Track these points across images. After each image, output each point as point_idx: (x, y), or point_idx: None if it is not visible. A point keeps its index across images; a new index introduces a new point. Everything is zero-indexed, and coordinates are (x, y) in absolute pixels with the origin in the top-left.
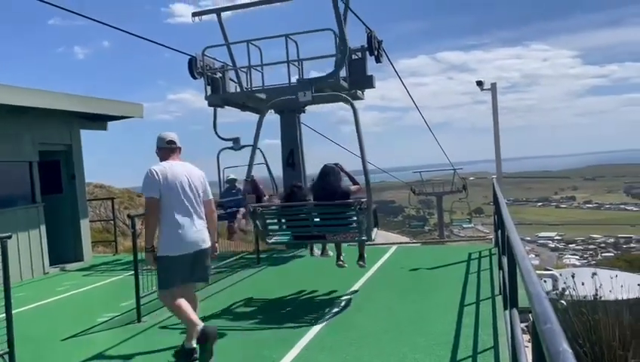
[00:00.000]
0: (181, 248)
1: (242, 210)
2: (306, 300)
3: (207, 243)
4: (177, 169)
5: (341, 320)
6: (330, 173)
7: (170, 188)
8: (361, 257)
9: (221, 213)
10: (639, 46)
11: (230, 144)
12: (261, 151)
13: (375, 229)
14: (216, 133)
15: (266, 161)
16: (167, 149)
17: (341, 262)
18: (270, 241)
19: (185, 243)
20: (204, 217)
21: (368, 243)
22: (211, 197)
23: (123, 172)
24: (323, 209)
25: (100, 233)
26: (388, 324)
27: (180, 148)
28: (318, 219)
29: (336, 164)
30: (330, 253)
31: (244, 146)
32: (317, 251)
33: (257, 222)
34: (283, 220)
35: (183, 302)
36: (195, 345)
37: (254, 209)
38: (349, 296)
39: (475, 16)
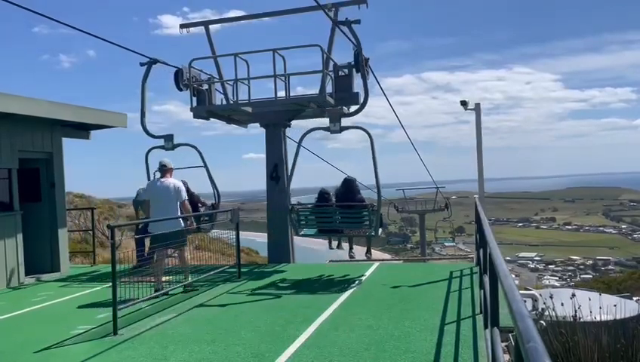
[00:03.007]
0: (154, 229)
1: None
2: (286, 315)
3: (172, 228)
4: (157, 183)
5: (322, 337)
6: (351, 183)
7: (151, 194)
8: (368, 250)
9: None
10: (617, 72)
11: (161, 142)
12: (198, 151)
13: (380, 229)
14: (144, 128)
15: (205, 163)
16: (159, 170)
17: (352, 253)
18: (300, 233)
19: (156, 226)
20: (171, 212)
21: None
22: (182, 199)
23: (105, 182)
24: (345, 209)
25: (78, 244)
26: (369, 342)
27: (170, 170)
28: (339, 217)
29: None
30: (344, 247)
31: (177, 145)
32: (333, 245)
33: (292, 216)
34: (313, 217)
35: (160, 262)
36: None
37: (292, 206)
38: (330, 313)
39: (459, 39)
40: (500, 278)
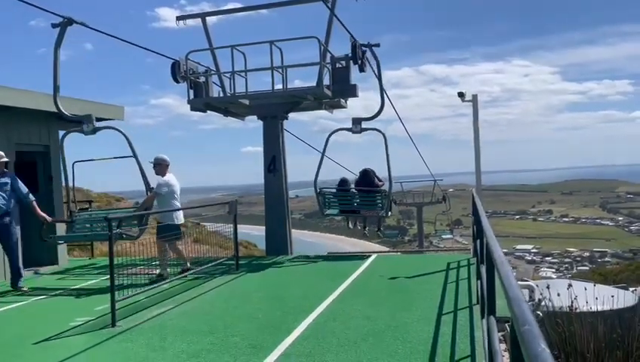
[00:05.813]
0: (176, 221)
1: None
2: (284, 307)
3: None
4: (172, 180)
5: (319, 328)
6: (368, 173)
7: (172, 190)
8: (379, 229)
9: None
10: (615, 64)
11: (79, 125)
12: (125, 136)
13: (390, 212)
14: (56, 105)
15: (134, 151)
16: (155, 166)
17: (366, 232)
18: (325, 213)
19: (177, 218)
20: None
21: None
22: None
23: (102, 176)
24: (362, 193)
25: None
26: (366, 332)
27: (168, 165)
28: (357, 200)
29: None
30: (359, 227)
31: (98, 128)
32: (351, 225)
33: (319, 198)
34: (335, 199)
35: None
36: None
37: (320, 189)
38: (327, 304)
39: (457, 32)
40: (496, 265)
